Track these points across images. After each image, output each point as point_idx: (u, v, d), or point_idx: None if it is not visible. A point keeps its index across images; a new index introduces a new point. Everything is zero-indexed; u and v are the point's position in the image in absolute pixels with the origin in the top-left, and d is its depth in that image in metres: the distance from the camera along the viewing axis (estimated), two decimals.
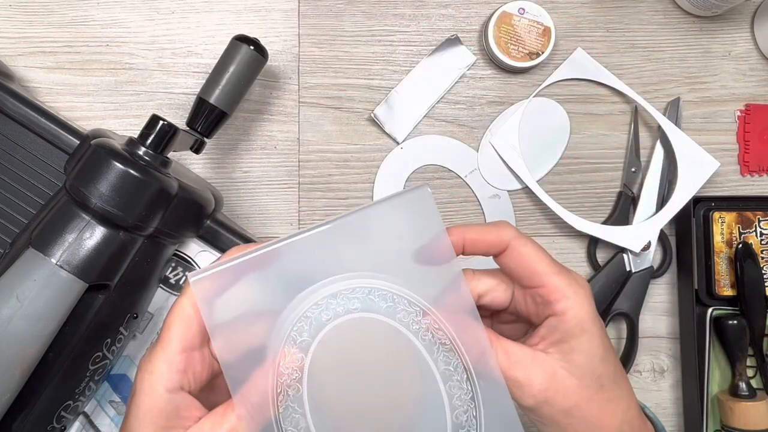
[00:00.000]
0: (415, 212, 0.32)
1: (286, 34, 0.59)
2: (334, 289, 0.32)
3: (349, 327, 0.32)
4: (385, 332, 0.33)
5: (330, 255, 0.32)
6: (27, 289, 0.40)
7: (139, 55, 0.58)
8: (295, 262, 0.32)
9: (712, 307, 0.57)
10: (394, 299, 0.33)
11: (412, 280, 0.33)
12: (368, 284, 0.33)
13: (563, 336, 0.33)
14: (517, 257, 0.34)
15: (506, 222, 0.35)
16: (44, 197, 0.48)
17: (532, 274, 0.34)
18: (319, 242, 0.32)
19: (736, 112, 0.61)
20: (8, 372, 0.40)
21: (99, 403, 0.51)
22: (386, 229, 0.33)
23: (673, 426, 0.60)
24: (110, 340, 0.46)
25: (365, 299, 0.32)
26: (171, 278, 0.52)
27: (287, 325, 0.32)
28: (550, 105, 0.60)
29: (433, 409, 0.33)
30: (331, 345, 0.32)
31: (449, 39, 0.59)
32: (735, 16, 0.61)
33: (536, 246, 0.34)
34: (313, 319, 0.32)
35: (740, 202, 0.58)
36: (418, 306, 0.33)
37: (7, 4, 0.57)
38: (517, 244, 0.34)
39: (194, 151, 0.50)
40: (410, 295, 0.33)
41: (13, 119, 0.48)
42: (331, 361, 0.32)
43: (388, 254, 0.33)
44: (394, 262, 0.33)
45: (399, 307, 0.33)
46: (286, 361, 0.32)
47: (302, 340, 0.32)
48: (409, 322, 0.33)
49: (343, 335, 0.32)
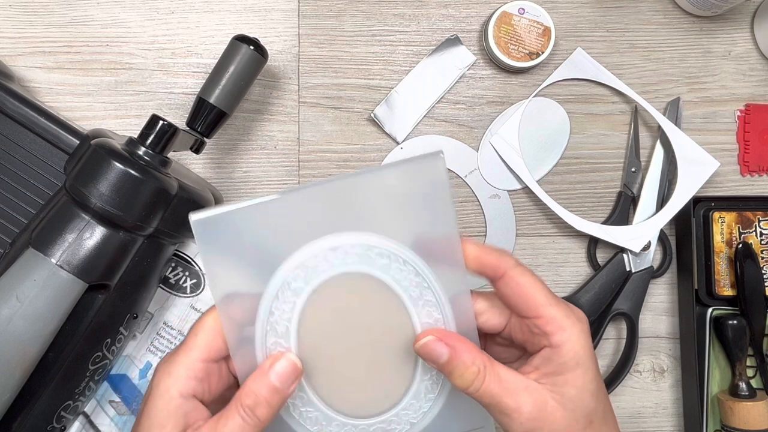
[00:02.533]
0: (425, 180, 0.33)
1: (286, 34, 0.59)
2: (334, 242, 0.33)
3: (343, 278, 0.34)
4: (376, 284, 0.34)
5: (332, 211, 0.33)
6: (27, 289, 0.40)
7: (139, 55, 0.58)
8: (298, 213, 0.33)
9: (712, 307, 0.57)
10: (390, 257, 0.34)
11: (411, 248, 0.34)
12: (367, 241, 0.34)
13: (557, 368, 0.33)
14: (515, 286, 0.34)
15: (508, 252, 0.36)
16: (44, 197, 0.48)
17: (530, 304, 0.34)
18: (322, 198, 0.33)
19: (736, 112, 0.61)
20: (8, 372, 0.40)
21: (99, 403, 0.51)
22: (393, 194, 0.33)
23: (673, 426, 0.60)
24: (110, 340, 0.46)
25: (363, 255, 0.34)
26: (171, 278, 0.52)
27: (285, 272, 0.33)
28: (550, 105, 0.60)
29: (409, 356, 0.36)
30: (322, 293, 0.34)
31: (449, 39, 0.59)
32: (735, 16, 0.61)
33: (534, 277, 0.35)
34: (309, 269, 0.34)
35: (740, 202, 0.58)
36: (411, 266, 0.34)
37: (7, 4, 0.57)
38: (515, 273, 0.34)
39: (194, 151, 0.50)
40: (406, 255, 0.34)
41: (13, 119, 0.48)
42: (320, 307, 0.34)
43: (392, 220, 0.34)
44: (397, 228, 0.34)
45: (394, 265, 0.34)
46: (279, 302, 0.34)
47: (296, 286, 0.34)
48: (400, 279, 0.34)
49: (335, 286, 0.34)
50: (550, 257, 0.60)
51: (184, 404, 0.33)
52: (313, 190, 0.33)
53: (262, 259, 0.33)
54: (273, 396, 0.33)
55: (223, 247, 0.33)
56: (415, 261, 0.34)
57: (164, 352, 0.52)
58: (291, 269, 0.33)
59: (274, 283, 0.34)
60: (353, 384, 0.36)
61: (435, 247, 0.34)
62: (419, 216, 0.34)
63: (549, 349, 0.34)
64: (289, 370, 0.33)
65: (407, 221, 0.34)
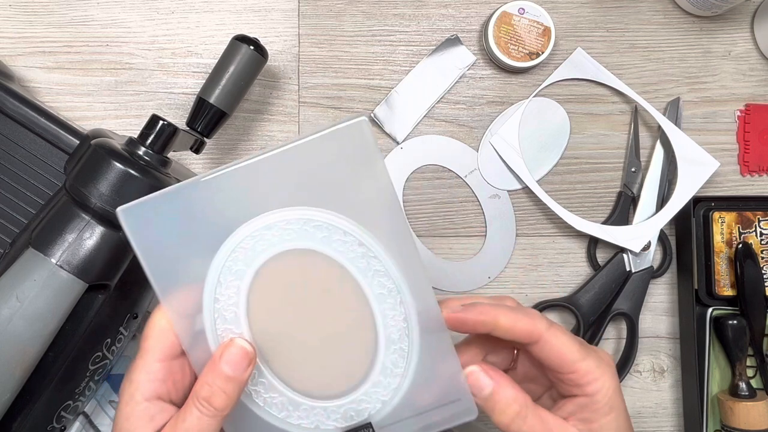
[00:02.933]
0: (353, 146, 0.32)
1: (286, 34, 0.59)
2: (268, 220, 0.33)
3: (285, 256, 0.33)
4: (320, 258, 0.33)
5: (263, 189, 0.32)
6: (27, 289, 0.40)
7: (139, 55, 0.58)
8: (226, 196, 0.32)
9: (712, 307, 0.57)
10: (329, 229, 0.33)
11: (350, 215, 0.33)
12: (303, 215, 0.33)
13: (592, 415, 0.35)
14: (549, 349, 0.34)
15: (536, 311, 0.35)
16: (44, 197, 0.48)
17: (564, 361, 0.34)
18: (251, 176, 0.32)
19: (736, 112, 0.61)
20: (8, 372, 0.40)
21: (99, 403, 0.51)
22: (321, 164, 0.32)
23: (673, 426, 0.60)
24: (110, 340, 0.46)
25: (300, 230, 0.33)
26: None
27: (222, 256, 0.33)
28: (550, 105, 0.60)
29: (367, 328, 0.34)
30: (265, 273, 0.33)
31: (449, 39, 0.59)
32: (735, 16, 0.61)
33: (565, 334, 0.35)
34: (248, 250, 0.33)
35: (740, 202, 0.58)
36: (353, 236, 0.33)
37: (7, 4, 0.57)
38: (549, 337, 0.34)
39: (194, 151, 0.50)
40: (346, 226, 0.33)
41: (13, 119, 0.48)
42: (265, 288, 0.33)
43: (325, 191, 0.33)
44: (331, 199, 0.33)
45: (334, 236, 0.33)
46: (223, 288, 0.33)
47: (237, 269, 0.33)
48: (344, 251, 0.33)
49: (278, 264, 0.33)
50: (550, 257, 0.60)
51: (150, 407, 0.33)
52: (238, 169, 0.32)
53: (197, 246, 0.33)
54: (227, 384, 0.32)
55: (156, 237, 0.32)
56: (355, 230, 0.33)
57: None
58: (228, 253, 0.33)
59: (213, 268, 0.33)
60: (315, 364, 0.35)
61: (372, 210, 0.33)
62: (351, 183, 0.33)
63: (584, 398, 0.35)
64: (240, 356, 0.33)
65: (340, 190, 0.33)
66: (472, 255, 0.59)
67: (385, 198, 0.33)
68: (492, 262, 0.59)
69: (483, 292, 0.59)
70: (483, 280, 0.59)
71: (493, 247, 0.59)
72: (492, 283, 0.59)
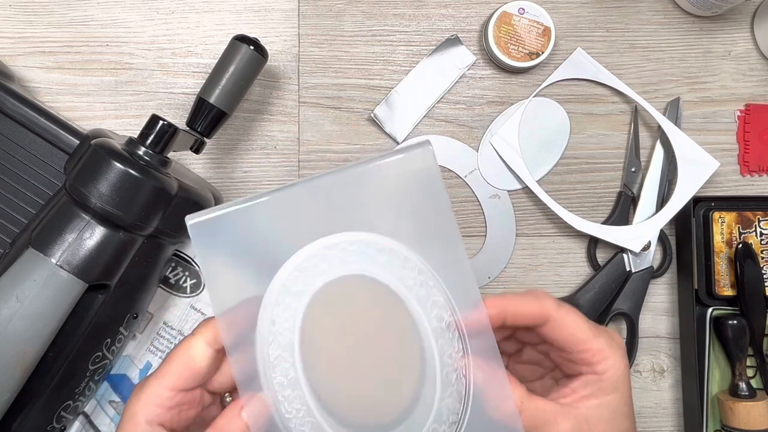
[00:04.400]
0: (416, 171, 0.32)
1: (286, 34, 0.59)
2: (330, 241, 0.32)
3: (344, 281, 0.32)
4: (380, 286, 0.33)
5: (326, 209, 0.32)
6: (27, 289, 0.40)
7: (139, 55, 0.58)
8: (292, 212, 0.32)
9: (712, 307, 0.57)
10: (390, 254, 0.32)
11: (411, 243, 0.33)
12: (365, 238, 0.32)
13: (596, 392, 0.34)
14: (560, 328, 0.34)
15: (543, 292, 0.35)
16: (44, 197, 0.48)
17: (575, 341, 0.34)
18: (314, 195, 0.32)
19: (736, 112, 0.61)
20: (8, 372, 0.40)
21: (99, 403, 0.51)
22: (384, 188, 0.32)
23: (673, 426, 0.60)
24: (110, 340, 0.46)
25: (362, 252, 0.32)
26: (171, 278, 0.52)
27: (283, 275, 0.32)
28: (550, 105, 0.60)
29: (423, 362, 0.32)
30: (325, 295, 0.32)
31: (449, 39, 0.59)
32: (735, 16, 0.61)
33: (576, 314, 0.35)
34: (308, 270, 0.32)
35: (740, 202, 0.58)
36: (413, 262, 0.32)
37: (7, 4, 0.57)
38: (558, 316, 0.34)
39: (194, 151, 0.50)
40: (406, 252, 0.32)
41: (13, 119, 0.48)
42: (322, 315, 0.32)
43: (387, 215, 0.33)
44: (394, 224, 0.33)
45: (395, 262, 0.32)
46: (280, 309, 0.32)
47: (297, 290, 0.32)
48: (404, 277, 0.32)
49: (336, 289, 0.32)
50: (550, 257, 0.60)
51: (149, 430, 0.32)
52: (303, 188, 0.32)
53: (260, 261, 0.32)
54: None
55: (220, 249, 0.32)
56: (415, 257, 0.32)
57: (164, 352, 0.52)
58: (289, 272, 0.32)
59: (273, 288, 0.32)
60: (363, 396, 0.33)
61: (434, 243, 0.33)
62: (414, 209, 0.33)
63: (593, 376, 0.34)
64: (261, 414, 0.32)
65: (402, 216, 0.33)
66: (472, 255, 0.59)
67: (446, 225, 0.32)
68: (492, 262, 0.59)
69: (483, 292, 0.59)
70: (483, 279, 0.59)
71: (493, 247, 0.59)
72: (492, 283, 0.59)
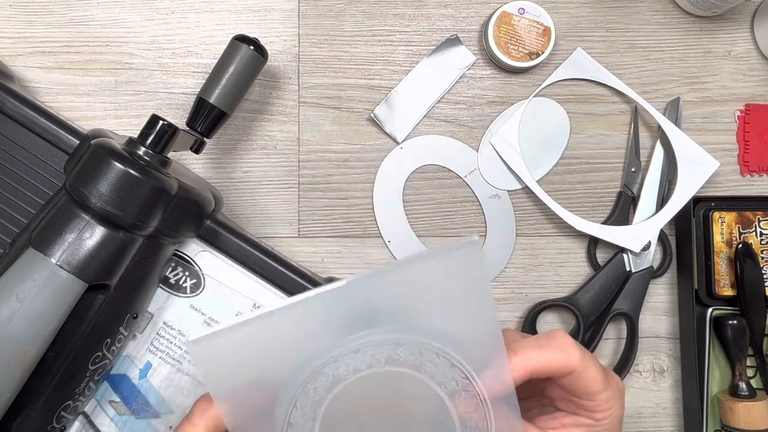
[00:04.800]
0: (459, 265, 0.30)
1: (286, 34, 0.59)
2: (356, 345, 0.30)
3: (370, 380, 0.30)
4: (408, 383, 0.31)
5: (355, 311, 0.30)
6: (27, 289, 0.40)
7: (139, 55, 0.58)
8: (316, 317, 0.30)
9: (712, 307, 0.57)
10: (421, 352, 0.30)
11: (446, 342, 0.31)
12: (393, 338, 0.30)
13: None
14: (578, 381, 0.33)
15: (565, 338, 0.33)
16: (44, 197, 0.48)
17: (588, 393, 0.34)
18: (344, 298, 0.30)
19: (736, 112, 0.61)
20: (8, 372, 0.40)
21: (99, 403, 0.51)
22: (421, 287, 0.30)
23: (673, 426, 0.60)
24: (110, 340, 0.46)
25: (390, 354, 0.30)
26: (171, 278, 0.52)
27: (300, 380, 0.30)
28: (550, 105, 0.60)
29: None
30: (349, 397, 0.30)
31: (449, 39, 0.59)
32: (735, 16, 0.61)
33: (595, 365, 0.34)
34: (330, 375, 0.30)
35: (740, 202, 0.58)
36: (446, 358, 0.30)
37: (7, 4, 0.57)
38: (581, 369, 0.33)
39: (194, 151, 0.50)
40: (438, 348, 0.30)
41: (13, 119, 0.48)
42: (346, 413, 0.31)
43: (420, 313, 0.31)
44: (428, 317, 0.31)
45: (426, 359, 0.30)
46: (298, 413, 0.30)
47: (317, 395, 0.30)
48: (434, 373, 0.30)
49: (363, 388, 0.30)
50: (550, 257, 0.60)
51: None
52: (331, 294, 0.29)
53: (273, 367, 0.30)
54: None
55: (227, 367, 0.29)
56: (450, 353, 0.30)
57: (164, 352, 0.52)
58: (308, 378, 0.30)
59: (289, 390, 0.30)
60: None
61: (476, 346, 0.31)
62: (451, 305, 0.31)
63: (587, 420, 0.34)
64: None
65: (439, 312, 0.31)
66: None
67: (488, 326, 0.31)
68: (492, 262, 0.59)
69: None
70: None
71: (493, 247, 0.59)
72: (492, 283, 0.59)
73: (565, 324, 0.60)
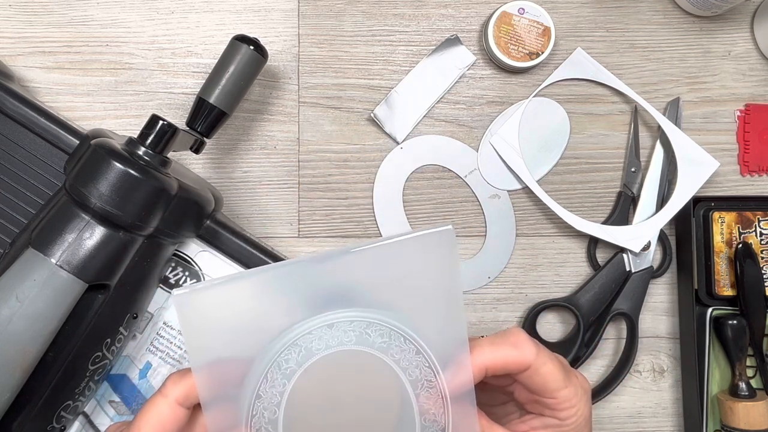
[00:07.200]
0: (433, 252, 0.31)
1: (286, 34, 0.59)
2: (330, 319, 0.31)
3: (338, 359, 0.31)
4: (374, 367, 0.32)
5: (330, 286, 0.32)
6: (27, 289, 0.40)
7: (139, 55, 0.58)
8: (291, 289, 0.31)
9: (712, 307, 0.57)
10: (390, 336, 0.32)
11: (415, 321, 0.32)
12: (366, 318, 0.32)
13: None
14: (534, 376, 0.34)
15: (521, 335, 0.34)
16: (44, 197, 0.48)
17: (546, 390, 0.34)
18: (319, 273, 0.31)
19: (736, 112, 0.61)
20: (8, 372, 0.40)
21: (99, 403, 0.51)
22: (394, 269, 0.32)
23: (673, 426, 0.60)
24: (110, 340, 0.46)
25: (361, 333, 0.32)
26: (171, 278, 0.52)
27: (274, 351, 0.31)
28: (550, 105, 0.60)
29: None
30: (316, 375, 0.31)
31: (449, 39, 0.59)
32: (735, 16, 0.61)
33: (551, 361, 0.34)
34: (303, 348, 0.31)
35: (740, 202, 0.58)
36: (413, 345, 0.32)
37: (7, 4, 0.57)
38: (537, 365, 0.33)
39: (194, 151, 0.50)
40: (407, 333, 0.32)
41: (13, 119, 0.48)
42: (312, 391, 0.32)
43: (393, 296, 0.32)
44: (399, 305, 0.32)
45: (394, 344, 0.32)
46: (267, 385, 0.31)
47: (287, 367, 0.31)
48: (400, 359, 0.32)
49: (330, 366, 0.31)
50: (550, 257, 0.60)
51: None
52: (307, 265, 0.31)
53: (247, 338, 0.31)
54: None
55: (207, 323, 0.31)
56: (415, 338, 0.32)
57: (164, 352, 0.52)
58: (282, 348, 0.31)
59: (262, 361, 0.31)
60: None
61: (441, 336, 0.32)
62: (423, 291, 0.32)
63: (554, 420, 0.35)
64: None
65: (410, 297, 0.32)
66: (472, 255, 0.59)
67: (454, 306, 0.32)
68: (492, 262, 0.59)
69: (483, 292, 0.59)
70: (483, 280, 0.59)
71: (493, 247, 0.59)
72: (492, 283, 0.59)
73: (565, 324, 0.60)
